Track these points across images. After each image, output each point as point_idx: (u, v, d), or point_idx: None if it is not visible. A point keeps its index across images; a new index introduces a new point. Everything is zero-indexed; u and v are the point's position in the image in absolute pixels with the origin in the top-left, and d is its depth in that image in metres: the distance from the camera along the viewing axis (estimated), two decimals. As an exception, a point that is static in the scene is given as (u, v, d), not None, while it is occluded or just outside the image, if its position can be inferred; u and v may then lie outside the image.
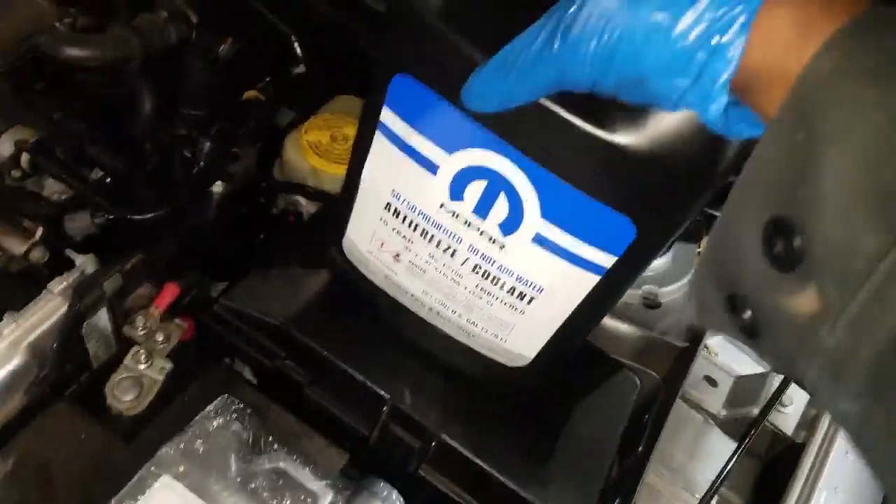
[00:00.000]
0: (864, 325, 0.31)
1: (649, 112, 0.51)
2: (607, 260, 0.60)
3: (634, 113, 0.51)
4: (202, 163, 0.85)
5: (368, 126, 0.64)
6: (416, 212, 0.66)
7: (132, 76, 0.80)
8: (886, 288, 0.30)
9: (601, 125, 0.51)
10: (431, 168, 0.61)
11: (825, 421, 0.95)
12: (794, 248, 0.34)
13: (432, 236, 0.66)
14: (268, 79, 0.95)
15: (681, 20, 0.38)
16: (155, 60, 0.80)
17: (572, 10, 0.42)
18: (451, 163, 0.60)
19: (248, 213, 1.01)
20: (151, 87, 0.82)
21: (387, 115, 0.61)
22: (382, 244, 0.71)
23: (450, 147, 0.59)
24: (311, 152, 0.93)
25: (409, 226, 0.67)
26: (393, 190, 0.66)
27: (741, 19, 0.37)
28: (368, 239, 0.72)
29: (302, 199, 0.96)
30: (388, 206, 0.67)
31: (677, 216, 0.58)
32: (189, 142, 0.86)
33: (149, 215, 0.80)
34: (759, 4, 0.36)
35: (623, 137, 0.51)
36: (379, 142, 0.64)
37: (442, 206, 0.63)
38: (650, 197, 0.55)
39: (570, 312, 0.67)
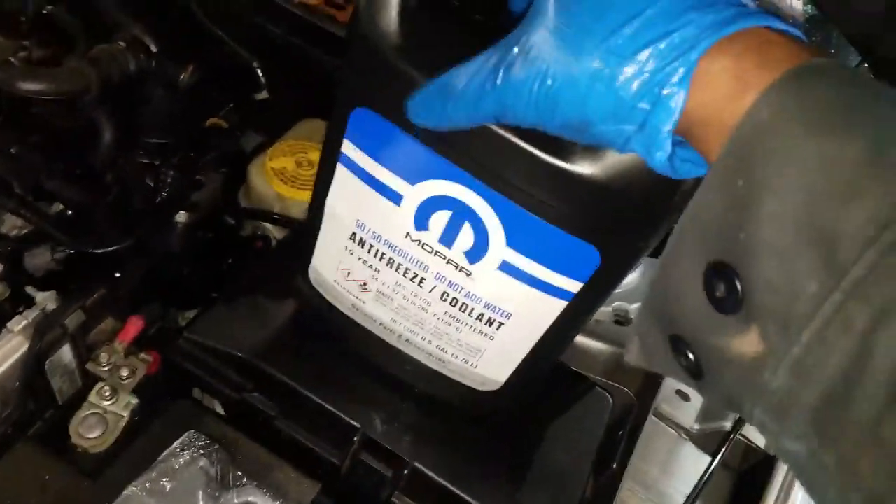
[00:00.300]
0: (806, 369, 0.31)
1: None
2: (573, 286, 0.60)
3: None
4: (165, 192, 0.84)
5: (330, 158, 0.63)
6: (382, 241, 0.65)
7: (91, 107, 0.79)
8: (828, 331, 0.30)
9: (561, 155, 0.51)
10: (395, 199, 0.61)
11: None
12: (735, 291, 0.34)
13: (399, 265, 0.66)
14: (230, 105, 0.94)
15: (623, 71, 0.38)
16: (115, 90, 0.79)
17: (515, 50, 0.42)
18: (415, 194, 0.60)
19: (215, 240, 1.00)
20: (111, 118, 0.80)
21: (348, 148, 0.61)
22: (349, 273, 0.70)
23: (412, 178, 0.59)
24: (276, 179, 0.92)
25: (376, 255, 0.67)
26: (357, 220, 0.65)
27: (681, 71, 0.37)
28: (335, 268, 0.71)
29: (269, 225, 0.96)
30: (353, 235, 0.67)
31: (640, 242, 0.58)
32: (151, 171, 0.85)
33: (111, 248, 0.79)
34: (698, 57, 0.37)
35: (582, 167, 0.51)
36: (341, 173, 0.64)
37: (407, 235, 0.63)
38: (612, 224, 0.56)
39: (539, 337, 0.67)
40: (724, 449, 0.83)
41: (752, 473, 0.99)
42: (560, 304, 0.63)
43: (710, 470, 0.83)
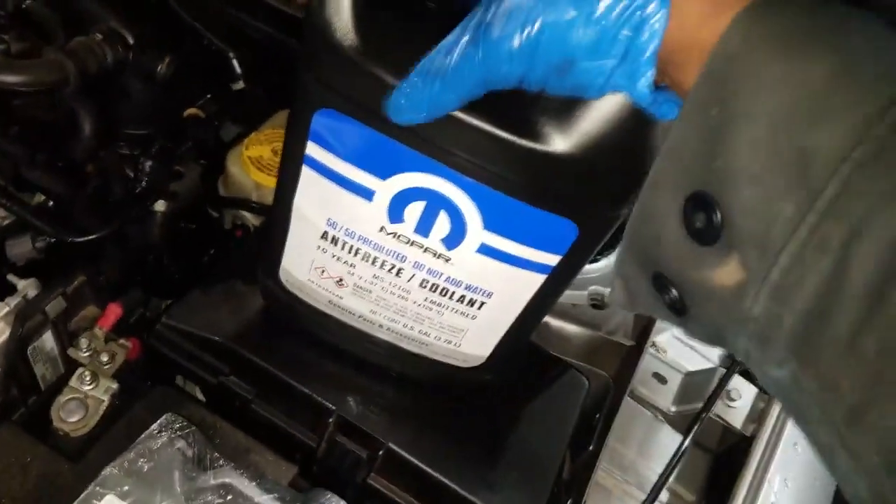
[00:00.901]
0: (786, 291, 0.32)
1: (575, 118, 0.52)
2: (552, 259, 0.62)
3: (561, 121, 0.52)
4: (144, 182, 0.86)
5: (294, 160, 0.62)
6: (356, 237, 0.65)
7: (70, 99, 0.80)
8: (805, 251, 0.31)
9: (531, 136, 0.52)
10: (367, 195, 0.61)
11: (773, 414, 0.97)
12: (713, 221, 0.35)
13: (375, 258, 0.66)
14: (208, 96, 0.95)
15: (598, 4, 0.39)
16: (93, 82, 0.81)
17: (491, 10, 0.43)
18: (387, 188, 0.60)
19: (196, 230, 1.01)
20: (90, 109, 0.81)
21: (313, 149, 0.60)
22: (323, 271, 0.70)
23: (383, 173, 0.59)
24: (253, 167, 0.94)
25: (350, 251, 0.66)
26: (328, 219, 0.65)
27: None
28: (308, 268, 0.71)
29: (248, 214, 0.97)
30: (325, 234, 0.66)
31: (616, 210, 0.58)
32: (130, 161, 0.86)
33: (91, 237, 0.80)
34: None
35: (553, 145, 0.52)
36: (307, 175, 0.63)
37: (382, 229, 0.63)
38: (588, 198, 0.57)
39: (520, 310, 0.68)
40: (695, 426, 0.85)
41: (729, 455, 1.00)
42: (539, 278, 0.64)
43: (682, 447, 0.84)
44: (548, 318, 1.02)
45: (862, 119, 0.30)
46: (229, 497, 0.68)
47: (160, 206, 0.87)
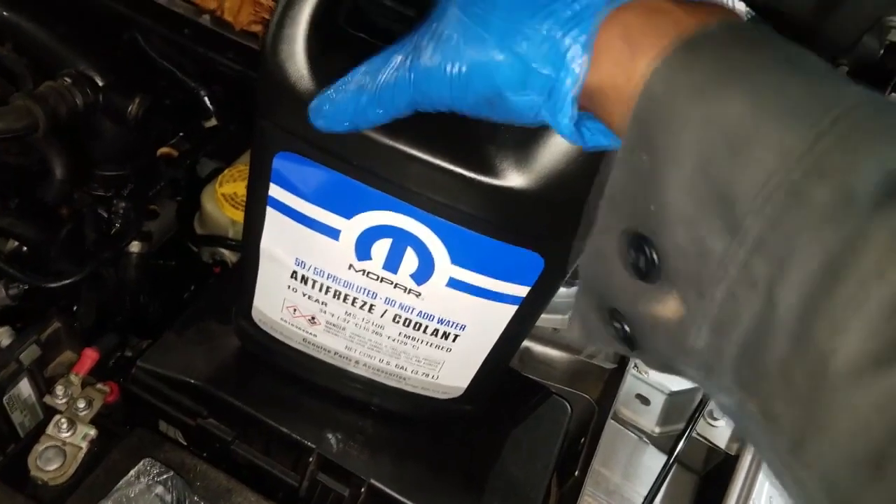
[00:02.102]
0: (724, 325, 0.33)
1: (532, 152, 0.52)
2: (521, 290, 0.62)
3: (518, 156, 0.52)
4: (118, 223, 0.85)
5: (258, 202, 0.63)
6: (325, 276, 0.65)
7: (40, 144, 0.80)
8: (738, 288, 0.32)
9: (489, 172, 0.53)
10: (333, 234, 0.61)
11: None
12: (651, 259, 0.36)
13: (346, 296, 0.66)
14: (181, 134, 0.95)
15: (528, 40, 0.40)
16: (64, 124, 0.80)
17: (427, 37, 0.44)
18: (353, 227, 0.60)
19: (176, 266, 1.01)
20: (61, 153, 0.81)
21: (276, 191, 0.61)
22: (296, 310, 0.70)
23: (347, 213, 0.59)
24: (228, 204, 0.93)
25: (321, 290, 0.67)
26: (297, 258, 0.65)
27: (583, 38, 0.39)
28: (280, 307, 0.71)
29: (225, 251, 0.97)
30: (294, 274, 0.66)
31: (581, 240, 0.59)
32: (104, 202, 0.86)
33: (65, 282, 0.80)
34: (597, 23, 0.38)
35: (511, 181, 0.52)
36: (273, 216, 0.63)
37: (350, 266, 0.63)
38: (550, 230, 0.57)
39: (494, 341, 0.68)
40: (678, 446, 0.84)
41: (715, 475, 1.00)
42: (511, 309, 0.64)
43: (666, 467, 0.84)
44: (528, 343, 1.02)
45: (777, 158, 0.30)
46: (210, 541, 0.67)
47: (135, 246, 0.87)
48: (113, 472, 0.70)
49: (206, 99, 0.86)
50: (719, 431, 0.98)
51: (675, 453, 0.89)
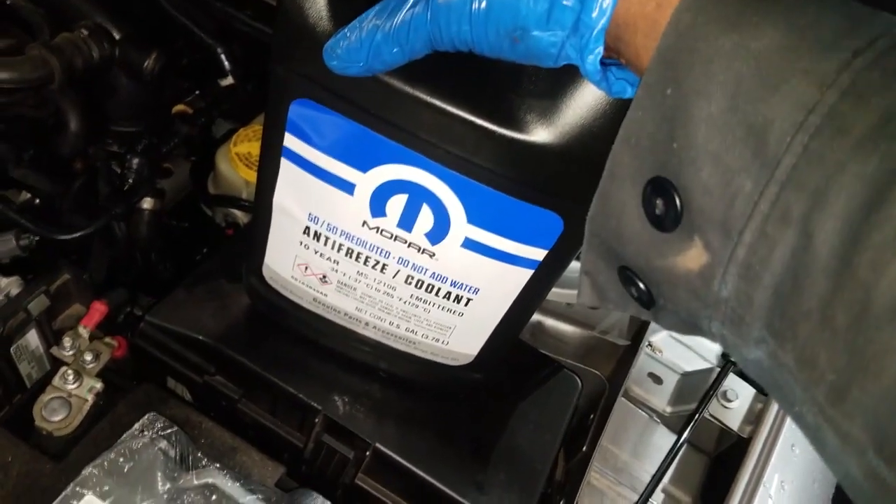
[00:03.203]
0: (753, 269, 0.31)
1: (558, 107, 0.50)
2: (538, 254, 0.60)
3: (544, 110, 0.51)
4: (131, 179, 0.85)
5: (272, 153, 0.62)
6: (338, 232, 0.64)
7: (55, 96, 0.79)
8: (768, 225, 0.30)
9: (513, 126, 0.51)
10: (347, 188, 0.60)
11: (771, 415, 0.96)
12: (674, 205, 0.34)
13: (359, 254, 0.65)
14: (196, 92, 0.95)
15: None
16: (79, 78, 0.80)
17: None
18: (368, 181, 0.58)
19: (189, 227, 1.00)
20: (76, 106, 0.81)
21: (291, 141, 0.59)
22: (307, 268, 0.69)
23: (363, 166, 0.58)
24: (242, 164, 0.93)
25: (333, 247, 0.66)
26: (310, 214, 0.64)
27: None
28: (290, 265, 0.70)
29: (238, 212, 0.96)
30: (307, 230, 0.65)
31: None
32: (118, 158, 0.85)
33: (76, 234, 0.79)
34: None
35: (536, 136, 0.51)
36: (287, 168, 0.62)
37: (364, 223, 0.62)
38: (571, 189, 0.55)
39: (507, 307, 0.67)
40: (690, 425, 0.83)
41: (726, 457, 0.99)
42: (526, 273, 0.63)
43: (675, 447, 0.83)
44: (541, 318, 1.01)
45: (813, 86, 0.29)
46: (213, 497, 0.67)
47: (148, 203, 0.87)
48: (118, 425, 0.70)
49: (222, 57, 0.85)
50: (732, 413, 0.97)
51: (686, 433, 0.88)
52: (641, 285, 0.39)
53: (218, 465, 0.69)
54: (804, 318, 0.30)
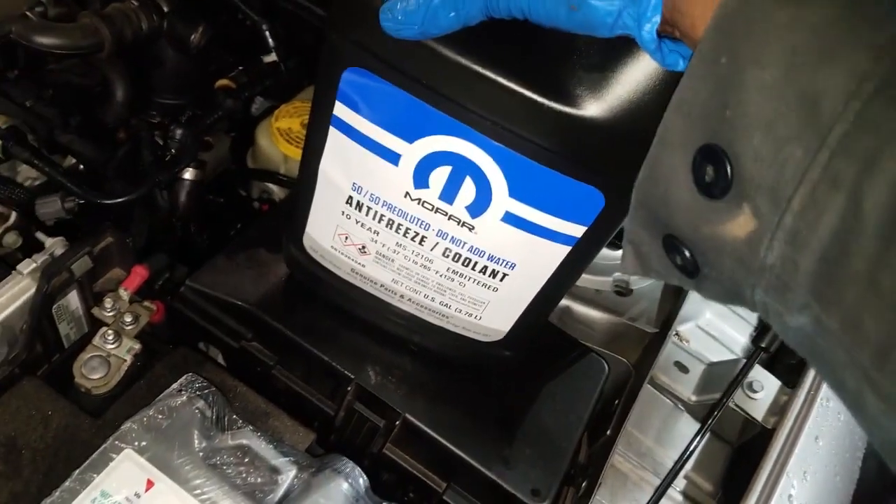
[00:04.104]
0: (801, 235, 0.32)
1: (607, 81, 0.51)
2: (577, 230, 0.61)
3: (593, 84, 0.51)
4: (173, 149, 0.87)
5: (321, 121, 0.62)
6: (381, 203, 0.65)
7: (104, 64, 0.81)
8: (817, 192, 0.31)
9: (562, 99, 0.51)
10: (393, 158, 0.60)
11: (796, 407, 0.96)
12: (724, 172, 0.34)
13: (399, 225, 0.66)
14: (240, 67, 0.96)
15: None
16: (127, 48, 0.82)
17: None
18: (413, 151, 0.59)
19: (224, 202, 1.02)
20: (123, 76, 0.83)
21: (340, 110, 0.60)
22: (347, 238, 0.70)
23: (410, 136, 0.58)
24: (282, 140, 0.94)
25: (374, 217, 0.66)
26: (354, 183, 0.65)
27: None
28: (331, 234, 0.71)
29: (275, 187, 0.97)
30: (349, 199, 0.66)
31: None
32: (161, 129, 0.87)
33: (119, 200, 0.81)
34: None
35: (585, 109, 0.51)
36: (334, 136, 0.63)
37: (407, 194, 0.62)
38: (616, 165, 0.55)
39: (542, 284, 0.68)
40: (714, 414, 0.84)
41: (749, 447, 0.99)
42: (564, 250, 0.63)
43: (699, 435, 0.84)
44: (570, 303, 1.02)
45: (868, 56, 0.30)
46: (246, 459, 0.68)
47: (189, 174, 0.88)
48: (155, 385, 0.72)
49: (267, 33, 0.87)
50: (757, 404, 0.97)
51: (710, 421, 0.88)
52: (687, 253, 0.39)
53: (252, 428, 0.70)
54: (851, 282, 0.30)
